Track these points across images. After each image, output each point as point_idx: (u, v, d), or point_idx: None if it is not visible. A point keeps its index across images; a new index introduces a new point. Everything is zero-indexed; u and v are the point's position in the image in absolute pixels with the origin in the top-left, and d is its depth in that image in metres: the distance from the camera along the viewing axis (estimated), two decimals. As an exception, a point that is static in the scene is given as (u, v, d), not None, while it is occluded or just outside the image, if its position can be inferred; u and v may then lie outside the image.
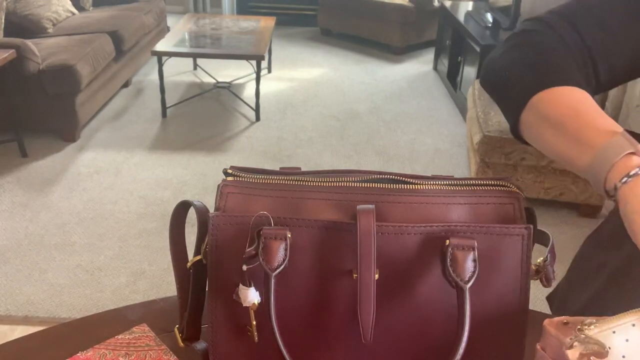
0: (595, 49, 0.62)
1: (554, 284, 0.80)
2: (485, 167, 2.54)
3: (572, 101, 0.55)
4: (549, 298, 0.88)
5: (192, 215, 0.54)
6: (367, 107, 3.80)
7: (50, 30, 3.50)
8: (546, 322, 0.46)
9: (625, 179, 0.46)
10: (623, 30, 0.62)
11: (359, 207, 0.49)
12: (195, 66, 4.33)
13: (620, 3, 0.62)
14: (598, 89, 0.65)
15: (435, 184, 0.53)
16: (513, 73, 0.63)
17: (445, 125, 3.55)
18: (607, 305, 0.70)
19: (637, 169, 0.46)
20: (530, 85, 0.59)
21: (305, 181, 0.53)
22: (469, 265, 0.47)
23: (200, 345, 0.57)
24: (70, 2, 3.87)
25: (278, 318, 0.48)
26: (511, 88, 0.62)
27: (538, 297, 1.99)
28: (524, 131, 0.60)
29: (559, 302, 0.85)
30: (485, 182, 0.53)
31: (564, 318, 0.46)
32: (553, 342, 0.45)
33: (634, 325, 0.42)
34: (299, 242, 0.50)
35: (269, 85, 4.10)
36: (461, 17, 3.91)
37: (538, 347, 0.47)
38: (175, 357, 0.60)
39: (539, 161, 2.42)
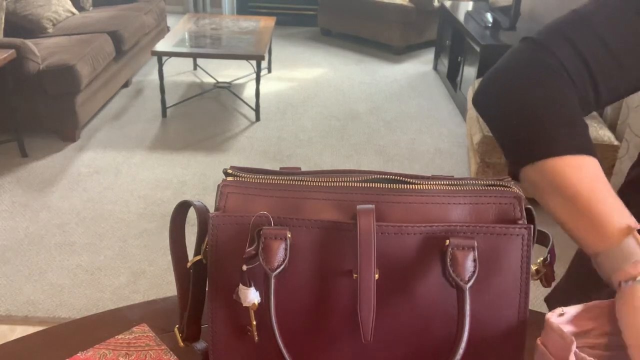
0: (598, 70, 0.60)
1: (553, 285, 0.80)
2: (485, 167, 2.54)
3: (585, 178, 0.54)
4: (547, 300, 0.88)
5: (192, 215, 0.54)
6: (367, 107, 3.80)
7: (50, 30, 3.50)
8: (548, 315, 0.46)
9: (630, 282, 0.48)
10: (627, 50, 0.60)
11: (359, 207, 0.49)
12: (195, 66, 4.33)
13: (623, 21, 0.60)
14: (597, 108, 0.63)
15: (435, 184, 0.53)
16: (514, 115, 0.60)
17: (445, 125, 3.55)
18: None
19: None
20: (538, 145, 0.57)
21: (305, 181, 0.53)
22: (469, 265, 0.47)
23: (200, 345, 0.57)
24: (70, 2, 3.87)
25: (278, 318, 0.48)
26: (514, 134, 0.60)
27: (538, 297, 1.99)
28: (525, 181, 0.59)
29: (555, 303, 0.85)
30: (485, 182, 0.52)
31: (560, 309, 0.46)
32: (554, 337, 0.45)
33: None
34: (299, 242, 0.50)
35: (269, 85, 4.10)
36: (461, 17, 3.91)
37: (538, 342, 0.47)
38: (175, 357, 0.60)
39: (539, 161, 2.41)
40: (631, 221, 0.52)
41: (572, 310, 0.47)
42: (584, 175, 0.55)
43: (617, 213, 0.52)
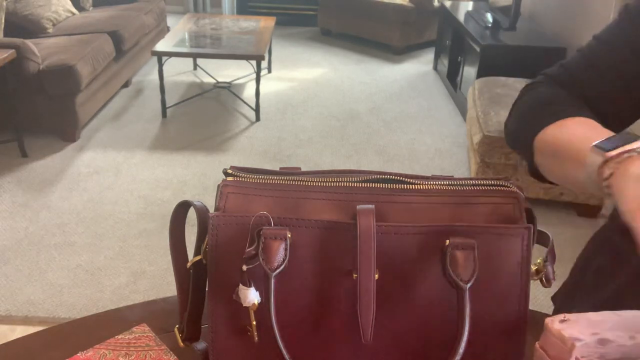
0: (603, 107, 0.66)
1: (558, 284, 0.81)
2: (485, 167, 2.54)
3: (562, 130, 0.61)
4: (554, 298, 0.88)
5: (192, 215, 0.54)
6: (367, 107, 3.80)
7: (50, 30, 3.49)
8: (547, 320, 0.46)
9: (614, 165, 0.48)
10: (623, 84, 0.65)
11: (359, 207, 0.49)
12: (195, 66, 4.33)
13: (619, 60, 0.66)
14: (621, 127, 0.69)
15: (435, 184, 0.52)
16: (519, 125, 0.70)
17: (445, 125, 3.55)
18: None
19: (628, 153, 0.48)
20: (530, 131, 0.65)
21: (305, 181, 0.53)
22: (469, 265, 0.47)
23: (200, 345, 0.57)
24: (70, 2, 3.86)
25: (278, 318, 0.48)
26: (520, 138, 0.69)
27: (538, 297, 1.99)
28: (543, 172, 0.67)
29: (560, 302, 0.85)
30: (485, 182, 0.52)
31: (562, 315, 0.46)
32: (554, 341, 0.45)
33: None
34: (299, 242, 0.50)
35: (269, 85, 4.10)
36: (461, 17, 3.91)
37: (537, 346, 0.47)
38: (175, 357, 0.60)
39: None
40: (600, 135, 0.52)
41: (574, 317, 0.47)
42: (559, 130, 0.61)
43: (587, 134, 0.54)
